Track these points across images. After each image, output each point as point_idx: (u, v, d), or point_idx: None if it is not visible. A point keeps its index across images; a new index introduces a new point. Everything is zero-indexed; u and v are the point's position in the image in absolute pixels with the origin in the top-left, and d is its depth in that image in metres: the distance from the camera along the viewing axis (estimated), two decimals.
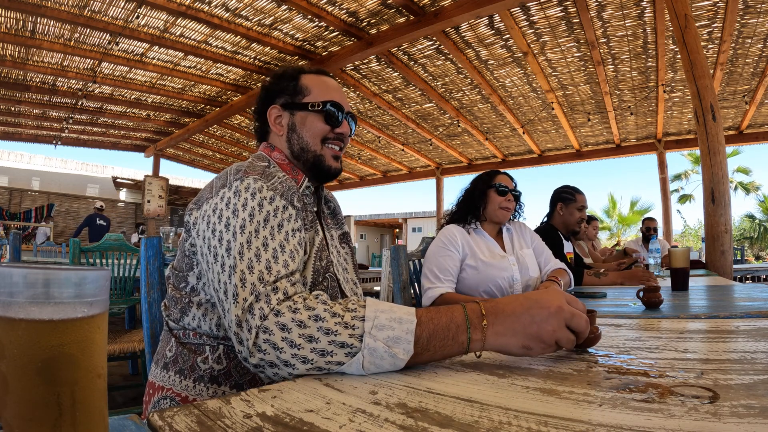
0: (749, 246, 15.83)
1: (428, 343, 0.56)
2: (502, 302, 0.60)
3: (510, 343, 0.57)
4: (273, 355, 0.57)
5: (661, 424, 0.35)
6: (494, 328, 0.57)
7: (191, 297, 0.79)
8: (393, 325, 0.56)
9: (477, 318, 0.58)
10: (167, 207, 10.43)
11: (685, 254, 1.59)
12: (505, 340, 0.57)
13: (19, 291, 0.28)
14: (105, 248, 2.54)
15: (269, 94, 0.97)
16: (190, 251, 0.80)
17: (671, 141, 7.44)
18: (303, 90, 0.94)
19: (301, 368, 0.56)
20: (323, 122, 0.93)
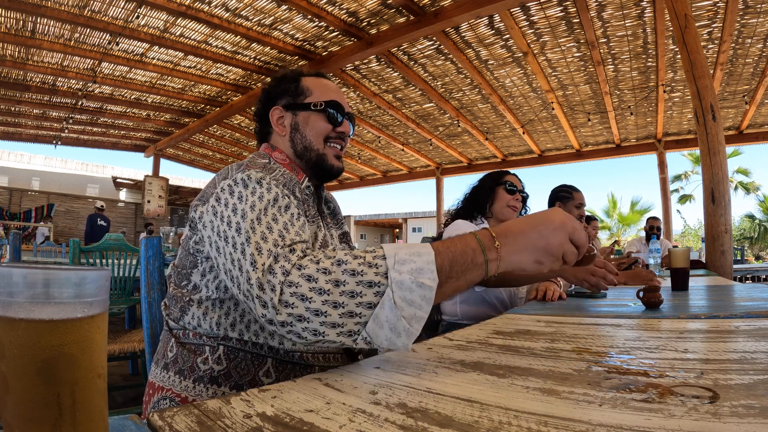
0: (749, 246, 15.83)
1: (450, 270, 0.58)
2: (508, 224, 0.63)
3: (523, 259, 0.61)
4: (302, 308, 0.56)
5: (661, 424, 0.35)
6: (507, 247, 0.60)
7: (192, 295, 0.79)
8: (413, 258, 0.56)
9: (489, 241, 0.60)
10: (167, 207, 10.44)
11: (685, 254, 1.58)
12: (518, 257, 0.61)
13: (19, 291, 0.28)
14: (105, 248, 2.54)
15: (270, 96, 0.99)
16: (195, 248, 0.80)
17: (671, 141, 7.44)
18: (304, 91, 0.97)
19: (333, 315, 0.55)
20: (325, 121, 0.95)
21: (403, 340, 0.56)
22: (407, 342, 0.56)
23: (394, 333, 0.55)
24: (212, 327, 0.77)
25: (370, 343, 0.56)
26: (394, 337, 0.56)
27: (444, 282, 0.57)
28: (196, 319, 0.79)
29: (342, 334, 0.56)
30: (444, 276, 0.57)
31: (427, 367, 0.57)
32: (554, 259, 0.62)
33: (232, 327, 0.77)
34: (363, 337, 0.56)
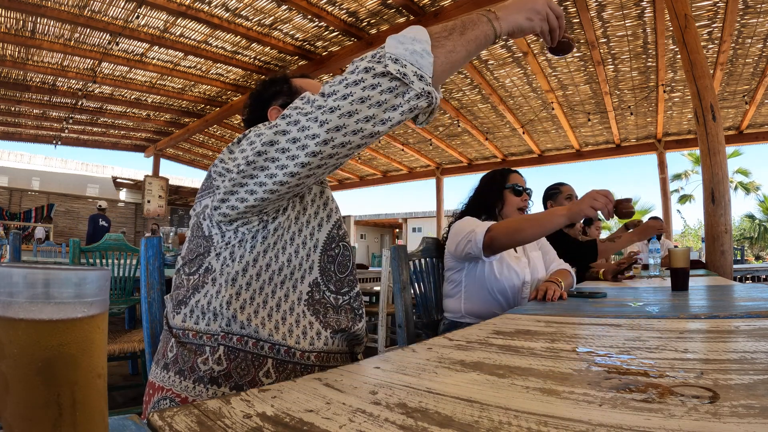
0: (749, 246, 15.82)
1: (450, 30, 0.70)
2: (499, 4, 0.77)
3: (518, 18, 0.76)
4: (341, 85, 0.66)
5: (661, 424, 0.35)
6: (502, 11, 0.75)
7: (204, 278, 0.79)
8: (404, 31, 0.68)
9: (485, 10, 0.74)
10: (167, 207, 10.44)
11: (685, 254, 1.58)
12: (513, 17, 0.75)
13: (19, 291, 0.28)
14: (105, 248, 2.54)
15: (263, 99, 1.01)
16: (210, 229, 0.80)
17: (671, 141, 7.44)
18: (298, 90, 0.99)
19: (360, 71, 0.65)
20: None
21: (420, 45, 0.65)
22: (425, 46, 0.66)
23: (408, 43, 0.65)
24: (220, 311, 0.76)
25: (397, 59, 0.64)
26: (410, 45, 0.65)
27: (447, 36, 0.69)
28: (201, 307, 0.78)
29: (372, 61, 0.65)
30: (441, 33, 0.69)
31: (427, 367, 0.57)
32: (541, 17, 0.78)
33: (242, 309, 0.77)
34: (388, 57, 0.64)
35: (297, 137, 0.67)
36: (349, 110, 0.64)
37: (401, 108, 0.66)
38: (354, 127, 0.65)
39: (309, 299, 0.83)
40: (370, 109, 0.65)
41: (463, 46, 0.71)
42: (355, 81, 0.64)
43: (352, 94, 0.64)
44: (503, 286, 1.61)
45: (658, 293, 1.51)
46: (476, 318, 1.64)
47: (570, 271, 1.76)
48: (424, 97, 0.66)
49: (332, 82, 0.66)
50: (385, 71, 0.64)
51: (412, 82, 0.64)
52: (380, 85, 0.64)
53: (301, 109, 0.67)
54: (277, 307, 0.80)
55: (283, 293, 0.81)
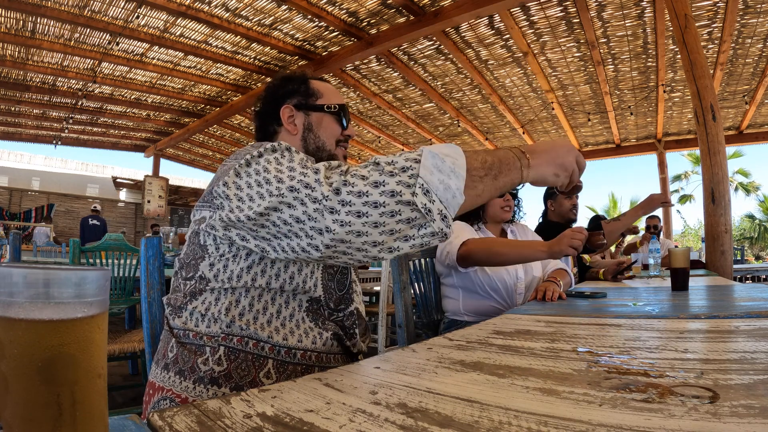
0: (749, 246, 15.82)
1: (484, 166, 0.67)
2: (534, 145, 0.76)
3: (546, 171, 0.75)
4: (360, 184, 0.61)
5: (661, 424, 0.35)
6: (534, 160, 0.74)
7: (200, 286, 0.79)
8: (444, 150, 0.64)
9: (521, 154, 0.73)
10: (167, 207, 10.43)
11: (685, 254, 1.58)
12: (543, 169, 0.74)
13: (19, 291, 0.28)
14: (105, 248, 2.54)
15: (277, 95, 0.99)
16: (205, 239, 0.79)
17: (671, 141, 7.44)
18: (316, 93, 0.98)
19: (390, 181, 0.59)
20: (337, 124, 0.98)
21: (456, 182, 0.62)
22: (459, 184, 0.62)
23: (444, 174, 0.61)
24: (218, 317, 0.77)
25: (428, 191, 0.60)
26: (446, 179, 0.61)
27: (482, 176, 0.67)
28: (198, 313, 0.78)
29: (401, 183, 0.59)
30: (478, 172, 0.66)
31: (427, 367, 0.57)
32: (566, 174, 0.77)
33: (241, 316, 0.77)
34: (420, 185, 0.59)
35: (301, 219, 0.63)
36: (358, 230, 0.60)
37: (413, 241, 0.63)
38: (358, 245, 0.62)
39: (309, 307, 0.83)
40: (381, 235, 0.61)
41: (489, 191, 0.69)
42: (375, 203, 0.59)
43: (367, 215, 0.59)
44: (496, 285, 1.62)
45: (658, 293, 1.51)
46: (475, 315, 1.64)
47: (568, 270, 1.77)
48: (438, 236, 0.62)
49: (351, 185, 0.60)
50: (412, 201, 0.59)
51: (434, 220, 0.60)
52: (400, 213, 0.59)
53: (311, 191, 0.62)
54: (277, 313, 0.80)
55: (282, 300, 0.81)
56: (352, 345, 0.89)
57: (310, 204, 0.62)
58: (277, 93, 0.99)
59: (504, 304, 1.63)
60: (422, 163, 0.60)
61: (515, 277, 1.64)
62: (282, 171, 0.68)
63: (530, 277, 1.68)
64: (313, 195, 0.62)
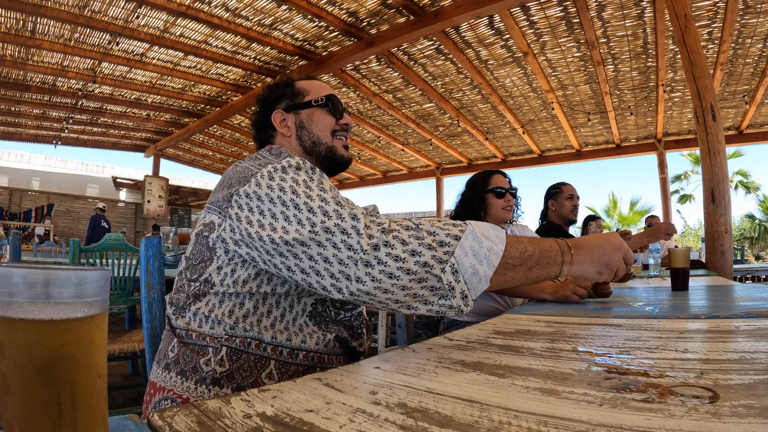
0: (749, 246, 15.81)
1: (522, 256, 0.69)
2: (581, 239, 0.78)
3: (589, 269, 0.75)
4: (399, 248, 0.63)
5: (661, 424, 0.35)
6: (579, 257, 0.74)
7: (204, 288, 0.79)
8: (487, 232, 0.67)
9: (566, 248, 0.73)
10: (167, 207, 10.43)
11: (685, 254, 1.58)
12: (586, 267, 0.74)
13: (19, 291, 0.28)
14: (105, 248, 2.54)
15: (267, 103, 1.01)
16: (217, 241, 0.78)
17: (671, 141, 7.44)
18: (301, 91, 1.00)
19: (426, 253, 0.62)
20: (329, 115, 0.99)
21: (485, 269, 0.64)
22: (489, 272, 0.64)
23: (477, 259, 0.63)
24: (222, 319, 0.76)
25: (457, 271, 0.63)
26: (477, 264, 0.63)
27: (517, 266, 0.68)
28: (201, 314, 0.78)
29: (435, 258, 0.62)
30: (513, 261, 0.68)
31: (427, 367, 0.57)
32: (610, 273, 0.76)
33: (245, 318, 0.77)
34: (451, 264, 0.63)
35: (330, 260, 0.64)
36: (386, 288, 0.63)
37: (430, 306, 0.66)
38: (382, 299, 0.65)
39: (312, 311, 0.83)
40: (405, 297, 0.64)
41: (519, 280, 0.70)
42: (408, 270, 0.62)
43: (398, 278, 0.62)
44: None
45: (658, 293, 1.51)
46: (475, 315, 1.65)
47: None
48: (455, 310, 0.66)
49: (390, 247, 0.62)
50: (440, 276, 0.63)
51: (455, 297, 0.64)
52: (426, 281, 0.63)
53: (348, 237, 0.63)
54: (281, 317, 0.80)
55: (287, 304, 0.81)
56: (359, 345, 0.89)
57: (344, 250, 0.63)
58: (267, 102, 1.01)
59: (503, 304, 1.63)
60: (461, 242, 0.64)
61: None
62: (312, 198, 0.68)
63: None
64: (348, 242, 0.63)
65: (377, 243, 0.63)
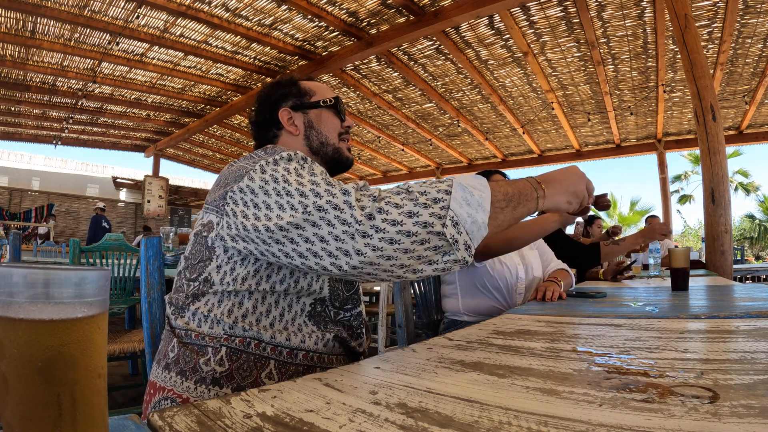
0: (749, 246, 15.81)
1: (506, 198, 0.71)
2: (547, 174, 0.81)
3: (560, 200, 0.79)
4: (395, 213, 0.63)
5: (661, 424, 0.35)
6: (549, 190, 0.78)
7: (203, 287, 0.78)
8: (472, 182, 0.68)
9: (537, 184, 0.77)
10: (167, 207, 10.43)
11: (685, 254, 1.58)
12: (556, 199, 0.79)
13: (19, 291, 0.28)
14: (105, 248, 2.54)
15: (271, 101, 1.00)
16: (216, 239, 0.78)
17: (671, 141, 7.45)
18: (308, 91, 1.00)
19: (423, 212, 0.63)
20: (336, 117, 1.00)
21: (482, 216, 0.65)
22: (485, 218, 0.66)
23: (471, 208, 0.64)
24: (221, 318, 0.76)
25: (457, 224, 0.63)
26: (473, 213, 0.64)
27: (499, 207, 0.70)
28: (201, 314, 0.78)
29: (433, 215, 0.63)
30: (500, 203, 0.70)
31: (427, 367, 0.57)
32: (578, 201, 0.82)
33: (244, 318, 0.77)
34: (450, 217, 0.63)
35: (326, 239, 0.64)
36: (389, 255, 0.63)
37: (436, 265, 0.66)
38: (386, 267, 0.65)
39: (311, 311, 0.83)
40: (409, 259, 0.64)
41: (508, 221, 0.73)
42: (408, 232, 0.62)
43: (399, 242, 0.62)
44: (497, 283, 1.62)
45: (658, 293, 1.51)
46: (475, 315, 1.64)
47: (568, 271, 1.77)
48: (461, 263, 0.66)
49: (385, 213, 0.62)
50: (442, 232, 0.63)
51: (459, 249, 0.64)
52: (429, 242, 0.63)
53: (341, 212, 0.63)
54: (279, 317, 0.80)
55: (286, 303, 0.81)
56: (358, 345, 0.89)
57: (339, 226, 0.63)
58: (271, 99, 1.00)
59: (504, 303, 1.63)
60: (453, 196, 0.64)
61: (515, 276, 1.64)
62: (304, 184, 0.69)
63: (530, 277, 1.68)
64: (342, 217, 0.63)
65: (371, 212, 0.63)
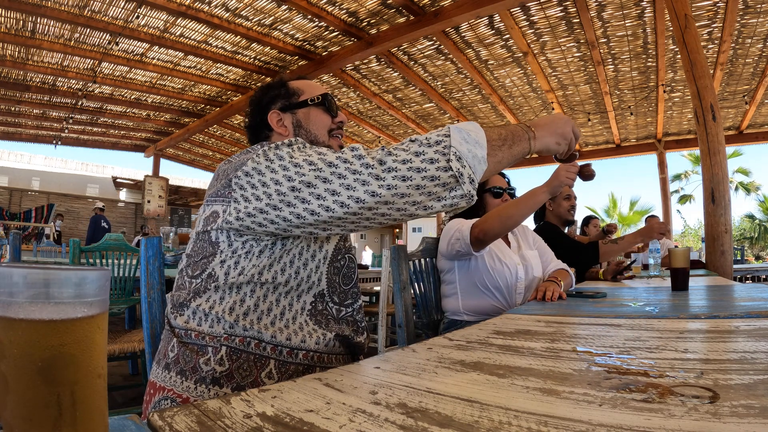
0: (749, 246, 15.82)
1: (500, 137, 0.76)
2: (534, 120, 0.85)
3: (549, 141, 0.85)
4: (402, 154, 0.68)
5: (661, 424, 0.35)
6: (539, 132, 0.83)
7: (206, 284, 0.78)
8: (467, 126, 0.72)
9: (526, 128, 0.82)
10: (167, 207, 10.43)
11: (685, 254, 1.58)
12: (546, 140, 0.84)
13: (19, 291, 0.28)
14: (105, 248, 2.54)
15: (261, 104, 1.01)
16: (217, 236, 0.78)
17: (671, 141, 7.45)
18: (296, 91, 1.00)
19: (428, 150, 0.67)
20: (325, 114, 0.99)
21: (481, 151, 0.70)
22: (484, 153, 0.70)
23: (470, 144, 0.69)
24: (222, 316, 0.76)
25: (460, 158, 0.67)
26: (473, 148, 0.69)
27: (495, 146, 0.74)
28: (202, 311, 0.78)
29: (438, 152, 0.67)
30: (496, 142, 0.75)
31: (427, 367, 0.57)
32: (566, 143, 0.88)
33: (245, 315, 0.77)
34: (454, 152, 0.67)
35: (337, 191, 0.68)
36: (403, 192, 0.67)
37: (444, 201, 0.69)
38: (400, 205, 0.68)
39: (312, 309, 0.83)
40: (421, 195, 0.68)
41: (507, 159, 0.78)
42: (419, 168, 0.66)
43: (412, 178, 0.66)
44: (497, 282, 1.62)
45: (658, 293, 1.51)
46: (475, 314, 1.64)
47: (568, 271, 1.77)
48: (467, 198, 0.69)
49: (395, 155, 0.67)
50: (448, 166, 0.67)
51: (464, 183, 0.68)
52: (438, 179, 0.67)
53: (350, 164, 0.68)
54: (281, 315, 0.80)
55: (287, 302, 0.81)
56: (363, 339, 0.90)
57: (349, 175, 0.67)
58: (261, 103, 1.01)
59: (504, 303, 1.63)
60: (452, 137, 0.68)
61: (515, 276, 1.64)
62: (311, 155, 0.72)
63: (530, 277, 1.68)
64: (352, 167, 0.68)
65: (381, 158, 0.67)
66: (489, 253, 1.65)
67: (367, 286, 4.11)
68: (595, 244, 2.21)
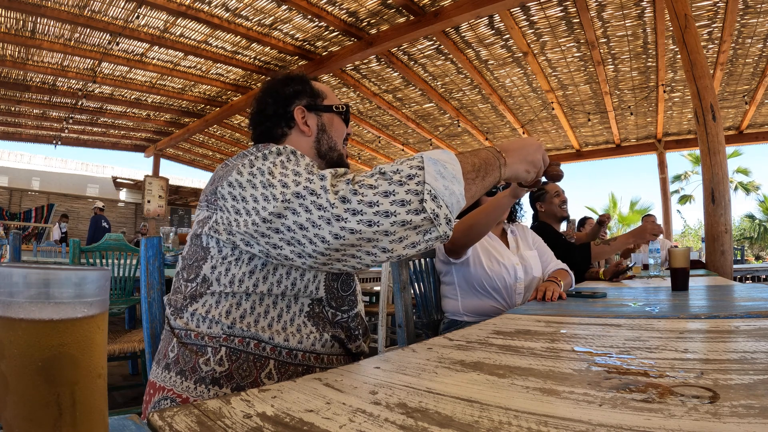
0: (749, 246, 15.81)
1: (474, 169, 0.71)
2: (506, 144, 0.82)
3: (519, 169, 0.82)
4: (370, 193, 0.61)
5: (661, 424, 0.35)
6: (509, 159, 0.80)
7: (201, 288, 0.79)
8: (441, 156, 0.66)
9: (497, 153, 0.78)
10: (167, 207, 10.43)
11: (685, 254, 1.58)
12: (516, 167, 0.81)
13: (19, 291, 0.28)
14: (105, 248, 2.54)
15: (284, 96, 0.97)
16: (209, 235, 0.78)
17: (671, 141, 7.45)
18: (320, 93, 1.00)
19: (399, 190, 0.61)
20: (343, 124, 1.01)
21: (458, 187, 0.65)
22: (461, 188, 0.65)
23: (447, 180, 0.63)
24: (219, 319, 0.76)
25: (435, 197, 0.62)
26: (449, 185, 0.63)
27: (474, 178, 0.70)
28: (199, 315, 0.78)
29: (410, 192, 0.61)
30: (470, 175, 0.70)
31: (427, 367, 0.57)
32: (535, 170, 0.85)
33: (242, 318, 0.77)
34: (428, 191, 0.61)
35: (305, 226, 0.63)
36: (369, 237, 0.61)
37: (419, 246, 0.64)
38: (368, 249, 0.63)
39: (310, 311, 0.83)
40: (391, 243, 0.62)
41: (479, 192, 0.73)
42: (387, 212, 0.60)
43: (378, 224, 0.60)
44: (495, 284, 1.62)
45: (658, 293, 1.51)
46: (475, 315, 1.64)
47: (568, 271, 1.77)
48: (442, 239, 0.64)
49: (361, 195, 0.61)
50: (421, 208, 0.60)
51: (440, 224, 0.62)
52: (410, 223, 0.61)
53: (317, 197, 0.62)
54: (278, 317, 0.80)
55: (284, 304, 0.81)
56: (356, 347, 0.88)
57: (315, 211, 0.62)
58: (283, 94, 0.97)
59: (503, 303, 1.63)
60: (426, 170, 0.62)
61: (514, 277, 1.64)
62: (287, 175, 0.68)
63: (530, 277, 1.68)
64: (318, 202, 0.62)
65: (344, 195, 0.61)
66: (487, 255, 1.65)
67: (367, 286, 4.11)
68: (587, 245, 2.21)
